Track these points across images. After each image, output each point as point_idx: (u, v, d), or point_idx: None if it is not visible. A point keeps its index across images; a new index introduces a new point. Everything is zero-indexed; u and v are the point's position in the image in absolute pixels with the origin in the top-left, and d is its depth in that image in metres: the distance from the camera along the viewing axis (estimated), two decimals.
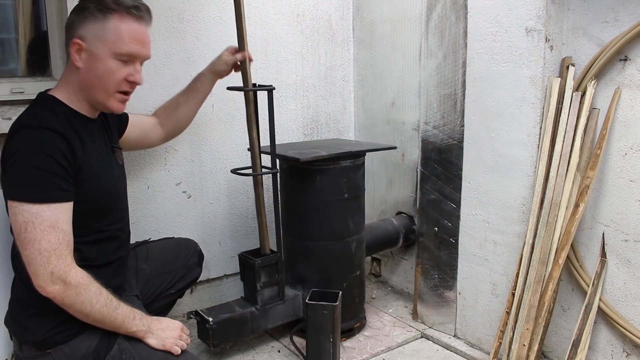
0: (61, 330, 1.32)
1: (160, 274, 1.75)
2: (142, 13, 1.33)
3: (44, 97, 1.35)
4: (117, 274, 1.49)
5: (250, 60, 1.84)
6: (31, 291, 1.31)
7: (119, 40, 1.29)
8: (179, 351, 1.39)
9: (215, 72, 1.84)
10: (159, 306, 1.78)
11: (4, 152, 1.25)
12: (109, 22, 1.28)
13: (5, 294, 1.44)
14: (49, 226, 1.20)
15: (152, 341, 1.37)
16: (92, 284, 1.27)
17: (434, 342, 2.14)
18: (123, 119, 1.68)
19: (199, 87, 1.86)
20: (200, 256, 1.92)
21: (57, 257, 1.21)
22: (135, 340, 1.38)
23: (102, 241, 1.41)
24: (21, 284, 1.35)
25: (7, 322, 1.40)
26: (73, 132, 1.30)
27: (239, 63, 1.83)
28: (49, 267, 1.20)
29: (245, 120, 1.92)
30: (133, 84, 1.35)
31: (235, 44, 2.27)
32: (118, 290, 1.48)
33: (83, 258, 1.33)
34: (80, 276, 1.25)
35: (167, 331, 1.40)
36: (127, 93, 1.37)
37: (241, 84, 1.90)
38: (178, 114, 1.84)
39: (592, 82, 1.66)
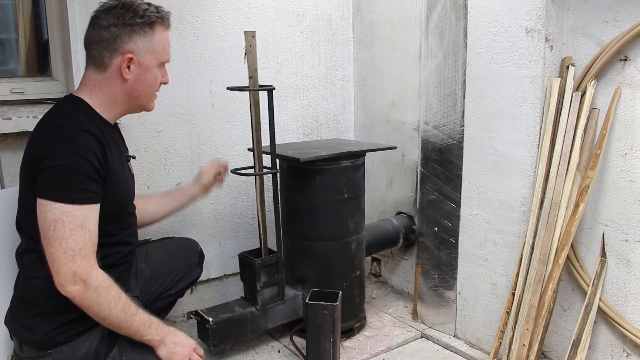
0: (63, 331, 1.32)
1: (160, 274, 1.75)
2: (170, 21, 1.44)
3: (73, 99, 1.37)
4: (124, 278, 1.49)
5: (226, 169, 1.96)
6: (36, 290, 1.31)
7: (163, 50, 1.41)
8: None
9: (198, 182, 1.90)
10: (159, 306, 1.78)
11: (39, 150, 1.26)
12: (155, 35, 1.38)
13: (6, 294, 1.44)
14: (78, 225, 1.23)
15: (162, 353, 1.38)
16: (113, 287, 1.29)
17: (434, 342, 2.14)
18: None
19: (176, 194, 1.88)
20: (200, 256, 1.92)
21: (81, 257, 1.23)
22: (136, 342, 1.38)
23: (113, 245, 1.42)
24: (26, 283, 1.35)
25: (8, 321, 1.40)
26: (103, 136, 1.33)
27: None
28: (72, 267, 1.22)
29: (245, 120, 1.92)
30: (163, 84, 1.47)
31: (235, 43, 2.28)
32: (124, 288, 1.48)
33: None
34: (101, 278, 1.26)
35: (178, 347, 1.40)
36: None
37: (241, 85, 1.90)
38: (146, 206, 1.80)
39: (592, 82, 1.66)
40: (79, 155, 1.24)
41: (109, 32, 1.33)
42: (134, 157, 1.61)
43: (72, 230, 1.22)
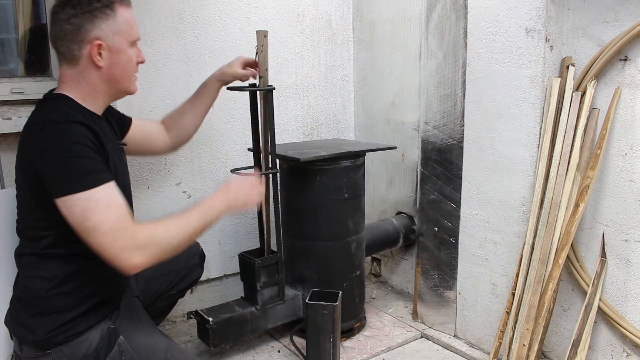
0: (62, 330, 1.32)
1: (160, 274, 1.75)
2: None
3: (56, 96, 1.35)
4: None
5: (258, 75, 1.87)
6: (35, 290, 1.31)
7: (130, 28, 1.37)
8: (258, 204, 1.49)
9: (222, 80, 1.85)
10: (159, 306, 1.78)
11: (34, 150, 1.24)
12: (118, 15, 1.34)
13: (6, 294, 1.44)
14: (105, 206, 1.21)
15: (236, 211, 1.45)
16: (158, 227, 1.28)
17: (434, 342, 2.14)
18: (125, 121, 1.68)
19: (205, 94, 1.86)
20: (201, 256, 1.91)
21: (121, 232, 1.21)
22: (135, 341, 1.38)
23: None
24: (25, 283, 1.35)
25: (8, 321, 1.40)
26: (95, 126, 1.32)
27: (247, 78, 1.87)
28: (117, 247, 1.20)
29: (245, 120, 1.92)
30: (140, 63, 1.44)
31: (235, 44, 2.28)
32: (124, 287, 1.50)
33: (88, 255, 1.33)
34: (145, 233, 1.25)
35: (239, 201, 1.45)
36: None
37: (241, 85, 1.90)
38: (184, 120, 1.85)
39: (592, 82, 1.66)
40: (77, 143, 1.22)
41: (71, 24, 1.30)
42: (125, 144, 1.60)
43: (102, 212, 1.20)
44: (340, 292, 1.91)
